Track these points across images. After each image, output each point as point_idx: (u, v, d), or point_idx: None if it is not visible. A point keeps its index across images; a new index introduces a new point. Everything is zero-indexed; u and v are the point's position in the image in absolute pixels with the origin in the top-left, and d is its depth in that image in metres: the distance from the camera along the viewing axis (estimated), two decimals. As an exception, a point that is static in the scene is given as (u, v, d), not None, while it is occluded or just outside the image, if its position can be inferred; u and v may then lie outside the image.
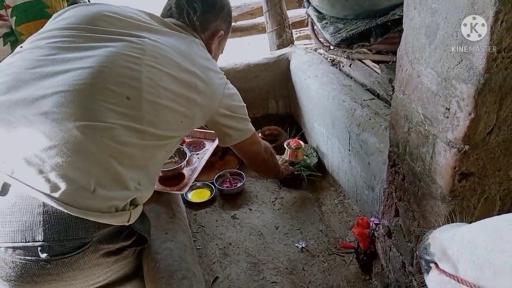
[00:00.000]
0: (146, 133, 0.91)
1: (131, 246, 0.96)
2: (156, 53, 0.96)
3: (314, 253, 1.53)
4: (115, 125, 0.85)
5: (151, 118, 0.91)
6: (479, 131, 0.75)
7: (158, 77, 0.93)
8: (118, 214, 0.86)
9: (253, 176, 2.01)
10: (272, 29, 2.27)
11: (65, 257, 0.81)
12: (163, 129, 0.95)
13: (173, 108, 0.96)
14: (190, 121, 1.04)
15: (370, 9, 1.58)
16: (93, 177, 0.82)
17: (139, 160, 0.92)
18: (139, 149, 0.91)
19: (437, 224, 0.93)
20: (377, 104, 1.57)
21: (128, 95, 0.88)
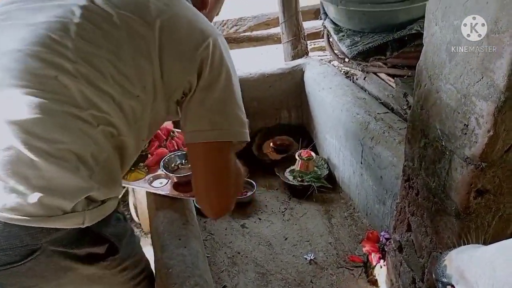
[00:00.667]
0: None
1: (108, 256, 0.84)
2: (91, 20, 0.77)
3: (323, 265, 1.53)
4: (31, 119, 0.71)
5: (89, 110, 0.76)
6: (497, 148, 0.75)
7: (88, 64, 0.77)
8: (67, 216, 0.75)
9: (263, 186, 2.01)
10: (288, 40, 2.29)
11: (13, 266, 0.74)
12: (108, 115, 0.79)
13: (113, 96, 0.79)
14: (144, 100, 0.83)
15: (387, 23, 1.59)
16: (28, 180, 0.72)
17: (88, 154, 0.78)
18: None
19: (450, 240, 0.92)
20: (391, 118, 1.57)
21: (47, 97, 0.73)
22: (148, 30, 0.77)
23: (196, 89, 0.82)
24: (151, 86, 0.79)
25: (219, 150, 0.86)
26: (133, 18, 0.77)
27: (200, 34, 0.80)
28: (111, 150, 0.81)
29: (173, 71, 0.80)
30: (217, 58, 0.82)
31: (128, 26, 0.76)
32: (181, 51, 0.79)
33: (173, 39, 0.79)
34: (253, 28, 2.43)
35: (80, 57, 0.73)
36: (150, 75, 0.78)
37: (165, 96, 0.82)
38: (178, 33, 0.79)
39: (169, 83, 0.81)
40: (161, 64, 0.78)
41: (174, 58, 0.79)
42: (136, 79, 0.77)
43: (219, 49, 0.82)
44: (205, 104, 0.82)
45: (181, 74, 0.80)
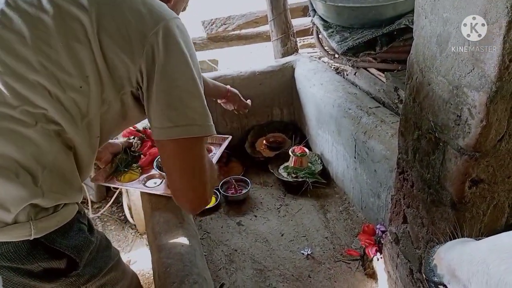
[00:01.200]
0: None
1: (70, 271, 0.77)
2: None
3: (320, 260, 1.54)
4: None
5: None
6: (490, 138, 0.76)
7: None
8: (10, 228, 0.68)
9: (257, 183, 2.02)
10: (277, 38, 2.29)
11: None
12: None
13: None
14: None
15: (376, 18, 1.61)
16: None
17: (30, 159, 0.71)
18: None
19: (447, 230, 0.94)
20: (383, 112, 1.59)
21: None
22: (83, 13, 0.69)
23: (152, 81, 0.75)
24: (95, 76, 0.71)
25: (187, 146, 0.80)
26: (66, 1, 0.69)
27: (150, 18, 0.73)
28: (59, 151, 0.73)
29: (118, 58, 0.72)
30: (172, 44, 0.74)
31: (60, 10, 0.69)
32: (125, 36, 0.71)
33: (115, 23, 0.71)
34: (242, 27, 2.43)
35: (4, 48, 0.66)
36: (91, 63, 0.71)
37: (115, 87, 0.75)
38: (122, 17, 0.72)
39: (115, 71, 0.73)
40: (103, 51, 0.71)
41: (117, 43, 0.71)
42: (72, 67, 0.69)
43: (173, 35, 0.75)
44: (165, 99, 0.76)
45: (129, 62, 0.72)
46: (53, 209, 0.74)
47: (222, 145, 1.78)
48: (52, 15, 0.68)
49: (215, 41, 2.47)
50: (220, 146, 1.81)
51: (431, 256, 0.62)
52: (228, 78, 2.11)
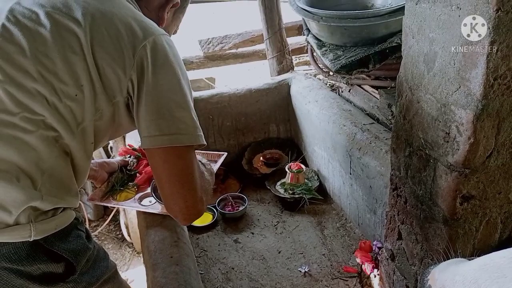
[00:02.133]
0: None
1: (67, 276, 0.79)
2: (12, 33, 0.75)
3: (317, 277, 1.53)
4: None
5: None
6: (479, 155, 0.77)
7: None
8: (10, 229, 0.71)
9: (254, 200, 2.02)
10: (273, 56, 2.33)
11: None
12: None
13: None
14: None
15: (368, 37, 1.64)
16: None
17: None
18: None
19: (440, 247, 0.94)
20: (377, 128, 1.60)
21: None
22: (78, 26, 0.74)
23: (142, 91, 0.79)
24: (88, 85, 0.76)
25: (175, 155, 0.82)
26: (62, 16, 0.75)
27: (140, 33, 0.78)
28: (58, 156, 0.77)
29: (110, 69, 0.76)
30: (161, 57, 0.79)
31: (56, 23, 0.74)
32: (117, 49, 0.76)
33: (108, 36, 0.76)
34: (238, 45, 2.48)
35: (5, 59, 0.71)
36: (85, 73, 0.75)
37: (107, 96, 0.79)
38: (112, 30, 0.76)
39: (107, 81, 0.77)
40: (95, 61, 0.75)
41: (109, 55, 0.76)
42: (68, 77, 0.74)
43: (162, 48, 0.79)
44: (153, 109, 0.79)
45: (120, 72, 0.77)
46: (52, 213, 0.77)
47: (217, 162, 1.79)
48: (49, 29, 0.73)
49: (212, 59, 2.50)
50: (216, 162, 1.81)
51: (426, 277, 0.62)
52: (225, 95, 2.13)
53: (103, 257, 0.90)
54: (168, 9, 0.96)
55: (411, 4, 0.84)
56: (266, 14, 2.24)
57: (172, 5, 0.96)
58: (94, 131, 0.82)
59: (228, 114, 2.17)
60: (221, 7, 5.77)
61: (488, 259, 0.52)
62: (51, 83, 0.73)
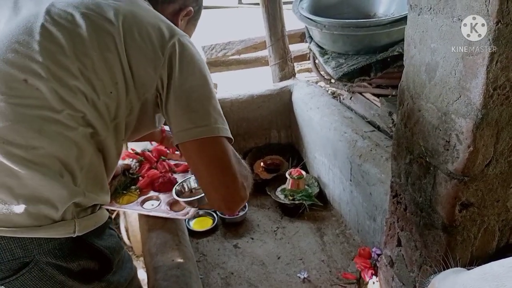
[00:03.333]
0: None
1: (102, 275, 0.82)
2: (52, 33, 0.77)
3: (316, 283, 1.53)
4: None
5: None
6: (478, 163, 0.79)
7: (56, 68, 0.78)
8: (57, 225, 0.74)
9: (254, 205, 2.02)
10: (275, 62, 2.35)
11: (5, 282, 0.71)
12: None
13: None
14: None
15: (370, 45, 1.66)
16: (11, 190, 0.72)
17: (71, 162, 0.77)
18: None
19: (439, 254, 0.95)
20: (377, 136, 1.62)
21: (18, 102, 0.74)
22: (112, 26, 0.77)
23: (170, 88, 0.81)
24: (122, 82, 0.79)
25: (210, 145, 0.83)
26: (97, 16, 0.77)
27: (166, 32, 0.81)
28: (93, 153, 0.79)
29: (142, 67, 0.79)
30: (187, 55, 0.83)
31: (91, 23, 0.77)
32: (147, 47, 0.79)
33: (138, 35, 0.79)
34: (241, 52, 2.50)
35: (48, 58, 0.73)
36: (120, 71, 0.78)
37: (138, 93, 0.82)
38: (142, 30, 0.80)
39: (139, 79, 0.80)
40: (129, 60, 0.78)
41: (141, 54, 0.79)
42: (106, 75, 0.77)
43: (187, 47, 0.83)
44: (185, 102, 0.82)
45: (151, 70, 0.80)
46: (91, 209, 0.80)
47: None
48: (85, 29, 0.76)
49: (215, 65, 2.53)
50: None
51: (426, 286, 0.63)
52: (227, 101, 2.15)
53: (128, 259, 0.92)
54: (181, 17, 0.99)
55: (414, 15, 0.86)
56: (269, 21, 2.27)
57: (185, 13, 0.99)
58: (125, 128, 0.85)
59: (229, 119, 2.14)
60: (225, 14, 5.82)
61: (487, 268, 0.53)
62: (90, 80, 0.76)
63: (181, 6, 0.99)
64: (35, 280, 0.73)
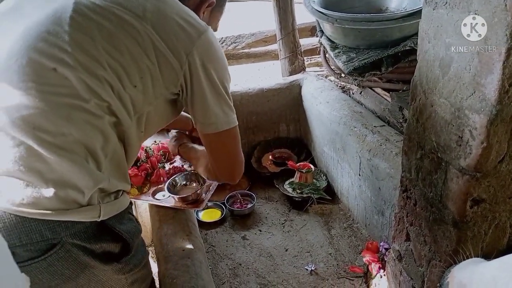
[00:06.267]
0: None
1: (120, 257, 0.86)
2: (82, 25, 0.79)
3: (324, 276, 1.55)
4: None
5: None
6: (491, 159, 0.79)
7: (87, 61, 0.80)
8: (84, 209, 0.78)
9: (263, 198, 2.04)
10: (285, 56, 2.35)
11: (34, 262, 0.75)
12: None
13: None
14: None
15: (382, 40, 1.65)
16: (41, 174, 0.75)
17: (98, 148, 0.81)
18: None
19: (449, 249, 0.95)
20: (387, 130, 1.62)
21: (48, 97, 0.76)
22: (140, 22, 0.79)
23: (195, 83, 0.87)
24: (148, 77, 0.82)
25: (227, 135, 0.97)
26: (124, 11, 0.79)
27: (192, 29, 0.85)
28: (116, 141, 0.83)
29: (168, 62, 0.82)
30: (211, 52, 0.87)
31: (120, 18, 0.79)
32: (174, 44, 0.82)
33: (166, 33, 0.82)
34: (251, 45, 2.50)
35: (77, 48, 0.75)
36: (146, 66, 0.80)
37: (162, 88, 0.85)
38: (169, 27, 0.82)
39: (165, 75, 0.83)
40: (156, 55, 0.81)
41: (167, 50, 0.82)
42: (132, 68, 0.79)
43: (210, 43, 0.87)
44: (207, 99, 0.89)
45: (177, 67, 0.83)
46: (114, 196, 0.85)
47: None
48: (114, 22, 0.78)
49: (224, 58, 2.52)
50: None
51: (446, 275, 0.64)
52: (236, 94, 2.15)
53: (143, 243, 0.97)
54: (203, 8, 1.01)
55: (429, 9, 0.85)
56: (280, 15, 2.26)
57: (207, 5, 1.01)
58: (145, 120, 0.89)
59: (239, 113, 2.15)
60: (235, 7, 5.80)
61: (507, 259, 0.54)
62: (117, 72, 0.78)
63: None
64: (61, 261, 0.77)
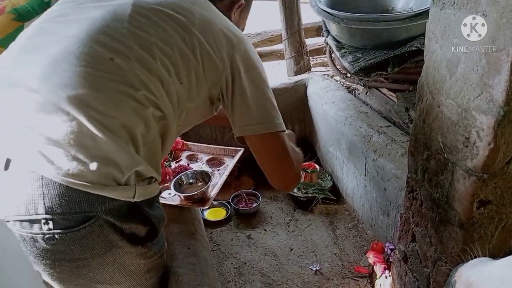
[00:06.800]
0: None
1: (145, 241, 0.90)
2: (140, 29, 0.87)
3: (328, 276, 1.55)
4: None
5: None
6: (498, 160, 0.79)
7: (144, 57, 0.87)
8: (121, 188, 0.82)
9: (268, 197, 2.04)
10: (291, 56, 2.35)
11: (70, 231, 0.79)
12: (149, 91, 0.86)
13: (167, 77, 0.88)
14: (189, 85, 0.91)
15: (388, 40, 1.65)
16: (88, 150, 0.79)
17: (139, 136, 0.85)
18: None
19: (455, 250, 0.95)
20: (393, 131, 1.61)
21: (112, 73, 0.83)
22: (189, 26, 0.88)
23: (235, 88, 0.92)
24: (194, 77, 0.89)
25: (271, 139, 0.97)
26: (176, 15, 0.88)
27: (233, 37, 0.92)
28: (157, 133, 0.88)
29: (213, 67, 0.90)
30: (249, 58, 0.93)
31: (173, 20, 0.87)
32: (218, 50, 0.90)
33: (212, 39, 0.90)
34: (257, 45, 2.50)
35: (134, 42, 0.83)
36: (193, 67, 0.88)
37: (205, 90, 0.92)
38: (214, 35, 0.90)
39: (208, 77, 0.91)
40: (202, 59, 0.88)
41: (213, 55, 0.89)
42: (181, 67, 0.86)
43: (249, 52, 0.94)
44: (247, 103, 0.93)
45: (220, 71, 0.91)
46: (148, 181, 0.89)
47: (234, 157, 1.82)
48: (167, 24, 0.87)
49: (230, 57, 2.52)
50: (233, 157, 1.84)
51: (453, 273, 0.65)
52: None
53: (163, 234, 1.00)
54: (234, 10, 1.08)
55: (436, 9, 0.85)
56: (286, 15, 2.26)
57: (238, 6, 1.08)
58: (184, 116, 0.95)
59: (244, 112, 2.19)
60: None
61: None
62: (168, 69, 0.85)
63: (233, 0, 1.07)
64: (93, 235, 0.81)
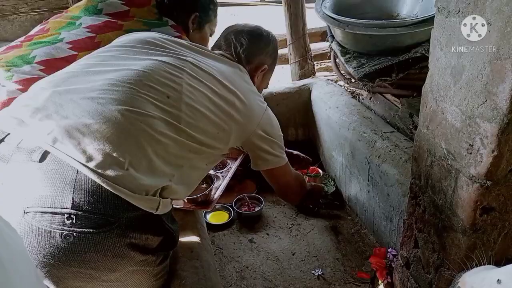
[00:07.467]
0: (183, 131, 0.98)
1: (158, 250, 0.95)
2: (198, 67, 1.09)
3: (330, 281, 1.55)
4: (154, 115, 0.93)
5: (188, 120, 0.99)
6: (501, 167, 0.79)
7: (197, 86, 1.05)
8: (148, 198, 0.87)
9: (270, 202, 2.04)
10: (295, 61, 2.36)
11: (89, 232, 0.80)
12: (199, 133, 1.01)
13: (210, 117, 1.05)
14: (226, 135, 1.10)
15: (393, 46, 1.65)
16: (128, 156, 0.85)
17: (174, 156, 0.96)
18: (175, 144, 0.95)
19: (457, 256, 0.95)
20: (397, 137, 1.61)
21: (168, 94, 0.99)
22: (229, 92, 1.12)
23: (257, 144, 1.22)
24: (227, 133, 1.11)
25: (278, 170, 1.34)
26: (220, 83, 1.11)
27: (259, 107, 1.21)
28: (196, 165, 1.06)
29: (240, 130, 1.15)
30: (270, 125, 1.25)
31: (219, 85, 1.10)
32: (247, 118, 1.15)
33: (243, 108, 1.14)
34: (262, 48, 2.50)
35: (190, 88, 1.03)
36: (229, 128, 1.11)
37: (232, 143, 1.16)
38: (248, 102, 1.16)
39: (235, 134, 1.13)
40: (237, 123, 1.12)
41: (242, 122, 1.14)
42: (224, 122, 1.08)
43: (270, 119, 1.25)
44: (263, 148, 1.24)
45: (246, 133, 1.18)
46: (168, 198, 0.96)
47: (237, 159, 1.83)
48: (213, 81, 1.10)
49: (234, 61, 2.54)
50: (235, 160, 1.85)
51: (457, 279, 0.65)
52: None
53: None
54: (258, 73, 1.37)
55: (441, 17, 0.86)
56: (291, 20, 2.27)
57: (261, 70, 1.37)
58: (212, 157, 1.13)
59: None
60: (245, 11, 5.83)
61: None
62: (214, 119, 1.06)
63: (257, 65, 1.35)
64: (108, 241, 0.83)
